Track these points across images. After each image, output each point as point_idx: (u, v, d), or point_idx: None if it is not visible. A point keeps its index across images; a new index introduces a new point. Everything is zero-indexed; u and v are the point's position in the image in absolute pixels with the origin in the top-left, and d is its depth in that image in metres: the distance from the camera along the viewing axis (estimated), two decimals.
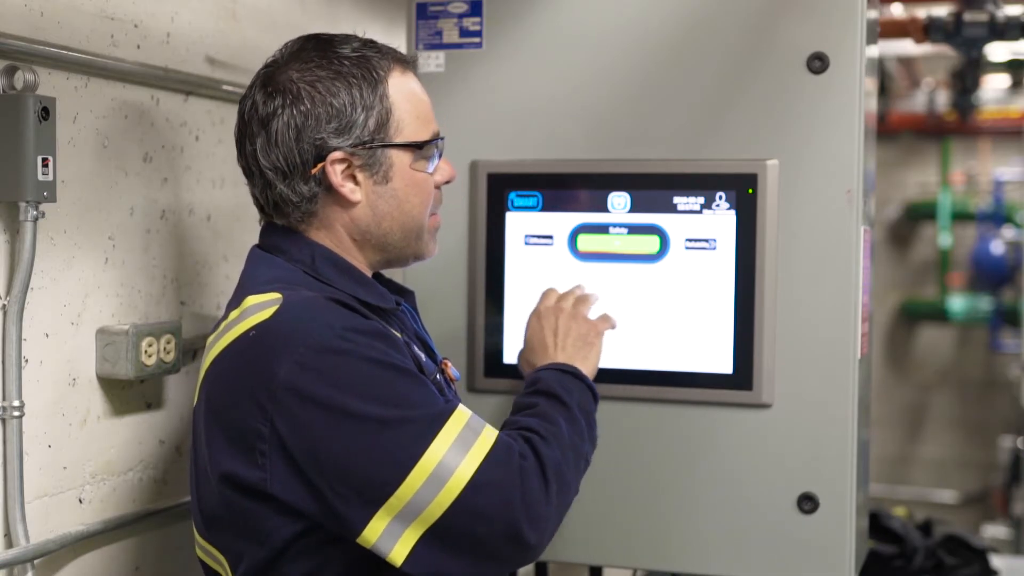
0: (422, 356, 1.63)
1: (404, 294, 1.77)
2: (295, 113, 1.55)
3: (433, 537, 1.42)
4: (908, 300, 7.75)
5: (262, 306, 1.49)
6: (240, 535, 1.50)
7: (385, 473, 1.41)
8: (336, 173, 1.56)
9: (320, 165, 1.56)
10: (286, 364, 1.42)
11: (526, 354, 1.84)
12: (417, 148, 1.62)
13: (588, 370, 1.77)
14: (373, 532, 1.42)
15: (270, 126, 1.56)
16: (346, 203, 1.59)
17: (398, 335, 1.59)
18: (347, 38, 1.62)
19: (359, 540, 1.43)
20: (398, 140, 1.59)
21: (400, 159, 1.60)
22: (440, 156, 1.68)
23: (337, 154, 1.56)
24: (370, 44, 1.62)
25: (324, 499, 1.43)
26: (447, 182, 1.70)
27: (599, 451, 1.98)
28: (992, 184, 7.58)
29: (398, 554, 1.42)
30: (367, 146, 1.57)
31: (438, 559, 1.43)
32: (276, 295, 1.50)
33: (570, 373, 1.72)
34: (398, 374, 1.46)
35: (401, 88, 1.61)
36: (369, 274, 1.66)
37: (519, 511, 1.43)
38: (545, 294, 1.90)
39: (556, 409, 1.63)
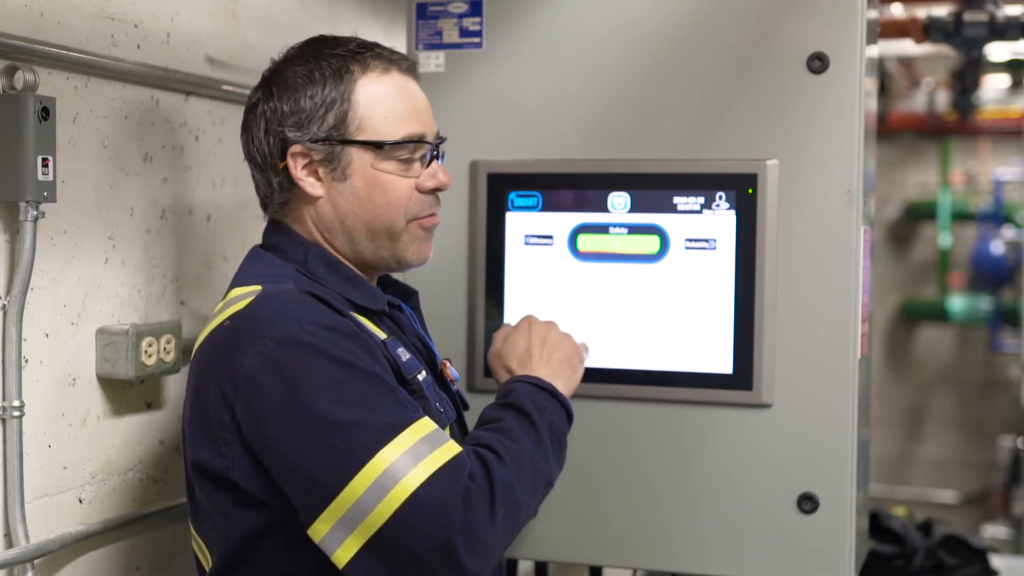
0: (403, 356, 1.58)
1: (408, 295, 1.78)
2: (265, 108, 1.61)
3: (374, 547, 1.38)
4: (908, 300, 7.75)
5: (242, 297, 1.52)
6: (213, 526, 1.52)
7: (329, 475, 1.39)
8: (296, 167, 1.60)
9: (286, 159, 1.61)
10: (250, 354, 1.43)
11: (504, 358, 1.77)
12: (378, 147, 1.59)
13: (567, 390, 1.71)
14: (317, 532, 1.41)
15: (248, 117, 1.64)
16: (309, 197, 1.61)
17: (382, 335, 1.59)
18: (348, 40, 1.63)
19: (309, 535, 1.42)
20: (359, 138, 1.58)
21: (361, 157, 1.59)
22: (430, 160, 1.63)
23: (296, 148, 1.59)
24: (364, 45, 1.62)
25: (280, 490, 1.44)
26: (437, 189, 1.64)
27: (600, 451, 1.98)
28: (992, 184, 7.58)
29: (340, 558, 1.39)
30: (324, 142, 1.59)
31: (377, 571, 1.39)
32: (257, 287, 1.53)
33: (546, 391, 1.65)
34: (360, 375, 1.43)
35: (373, 87, 1.59)
36: (359, 272, 1.65)
37: (457, 532, 1.37)
38: (528, 316, 1.83)
39: (523, 427, 1.55)
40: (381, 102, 1.60)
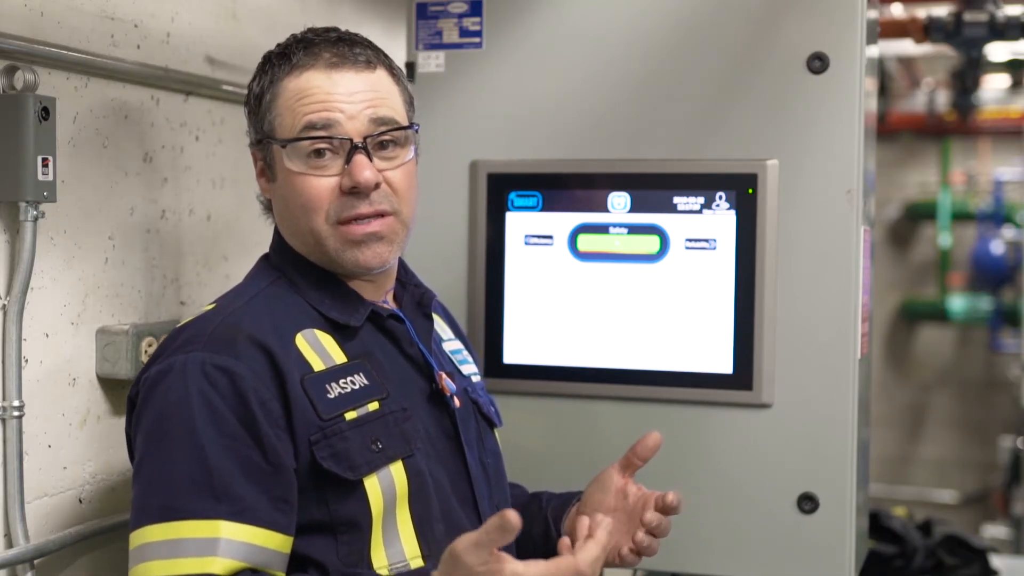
0: (331, 392, 1.46)
1: (423, 302, 1.66)
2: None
3: None
4: (908, 300, 7.74)
5: (196, 313, 1.54)
6: None
7: (132, 510, 1.44)
8: (256, 169, 1.60)
9: None
10: (144, 374, 1.48)
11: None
12: (281, 146, 1.51)
13: None
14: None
15: None
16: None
17: (320, 366, 1.47)
18: (298, 35, 1.57)
19: None
20: (275, 137, 1.53)
21: (280, 157, 1.52)
22: (350, 157, 1.48)
23: (253, 149, 1.60)
24: (303, 39, 1.54)
25: None
26: (353, 188, 1.48)
27: (599, 450, 1.98)
28: (992, 184, 7.58)
29: None
30: (259, 142, 1.57)
31: None
32: (211, 306, 1.54)
33: None
34: (192, 443, 1.38)
35: (293, 84, 1.51)
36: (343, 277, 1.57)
37: None
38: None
39: None
40: (290, 98, 1.51)
